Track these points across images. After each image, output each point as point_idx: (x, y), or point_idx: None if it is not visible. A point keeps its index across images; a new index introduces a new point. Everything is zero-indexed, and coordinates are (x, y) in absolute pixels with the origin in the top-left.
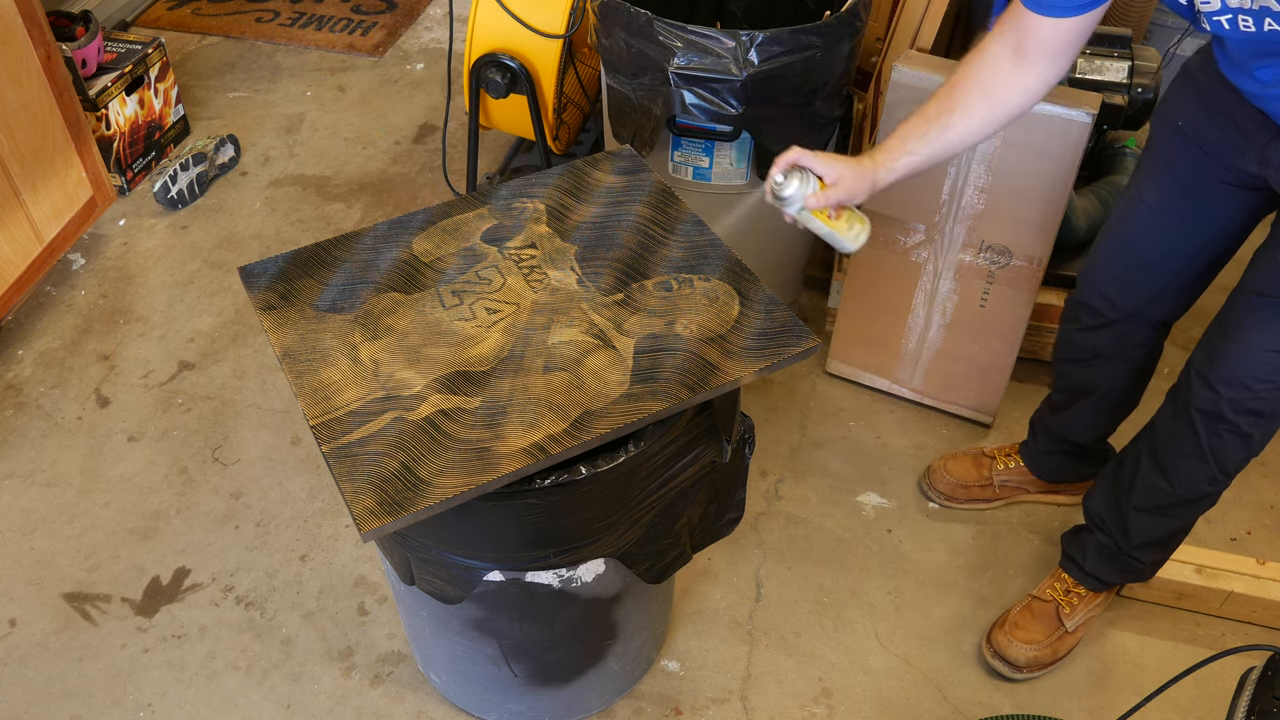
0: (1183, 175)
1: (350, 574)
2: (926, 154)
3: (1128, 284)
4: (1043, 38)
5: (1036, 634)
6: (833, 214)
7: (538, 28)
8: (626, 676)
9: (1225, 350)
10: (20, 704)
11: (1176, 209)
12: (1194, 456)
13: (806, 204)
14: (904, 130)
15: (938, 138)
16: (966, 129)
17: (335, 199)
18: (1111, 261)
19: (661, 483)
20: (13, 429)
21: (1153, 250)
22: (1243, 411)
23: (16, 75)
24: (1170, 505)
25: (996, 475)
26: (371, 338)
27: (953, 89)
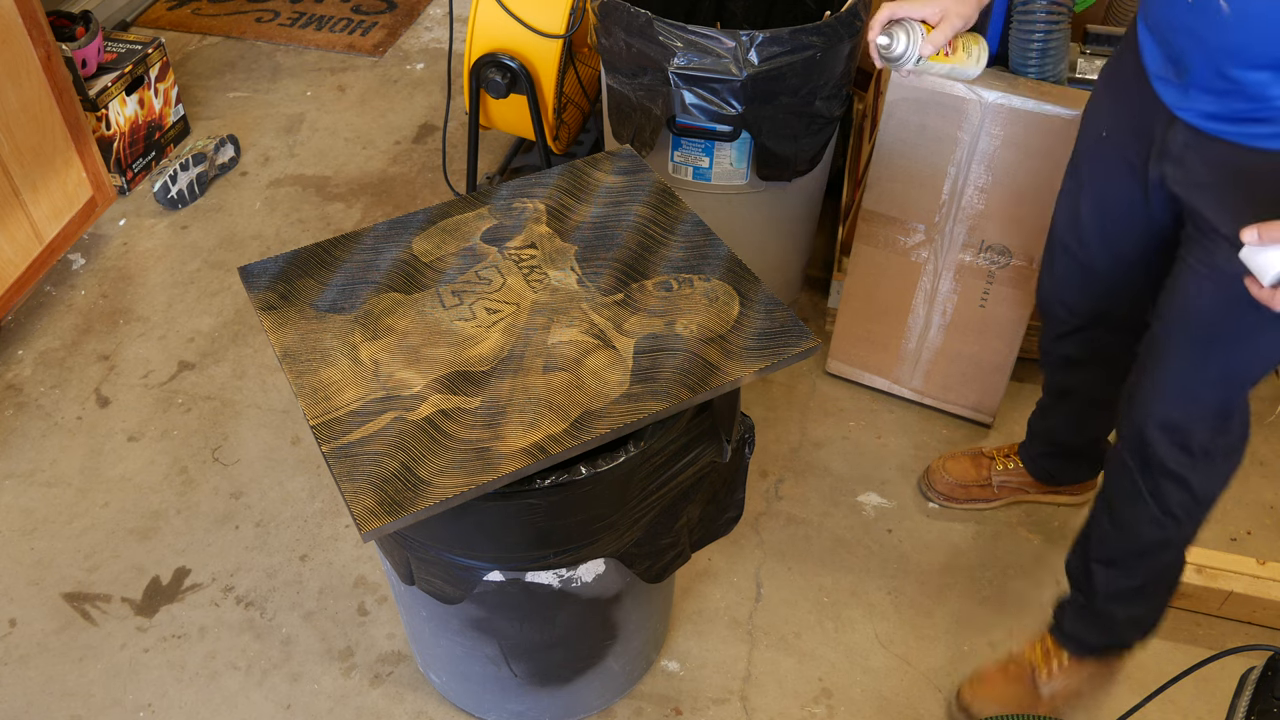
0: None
1: (350, 574)
2: None
3: (1079, 291)
4: None
5: (1006, 695)
6: (948, 50)
7: (538, 28)
8: (626, 676)
9: (1139, 386)
10: (20, 704)
11: (1111, 217)
12: (1133, 498)
13: (923, 54)
14: None
15: None
16: None
17: (335, 199)
18: (1058, 270)
19: (661, 483)
20: (13, 429)
21: (1095, 258)
22: (1169, 448)
23: (16, 75)
24: (1124, 556)
25: (995, 476)
26: (371, 338)
27: None
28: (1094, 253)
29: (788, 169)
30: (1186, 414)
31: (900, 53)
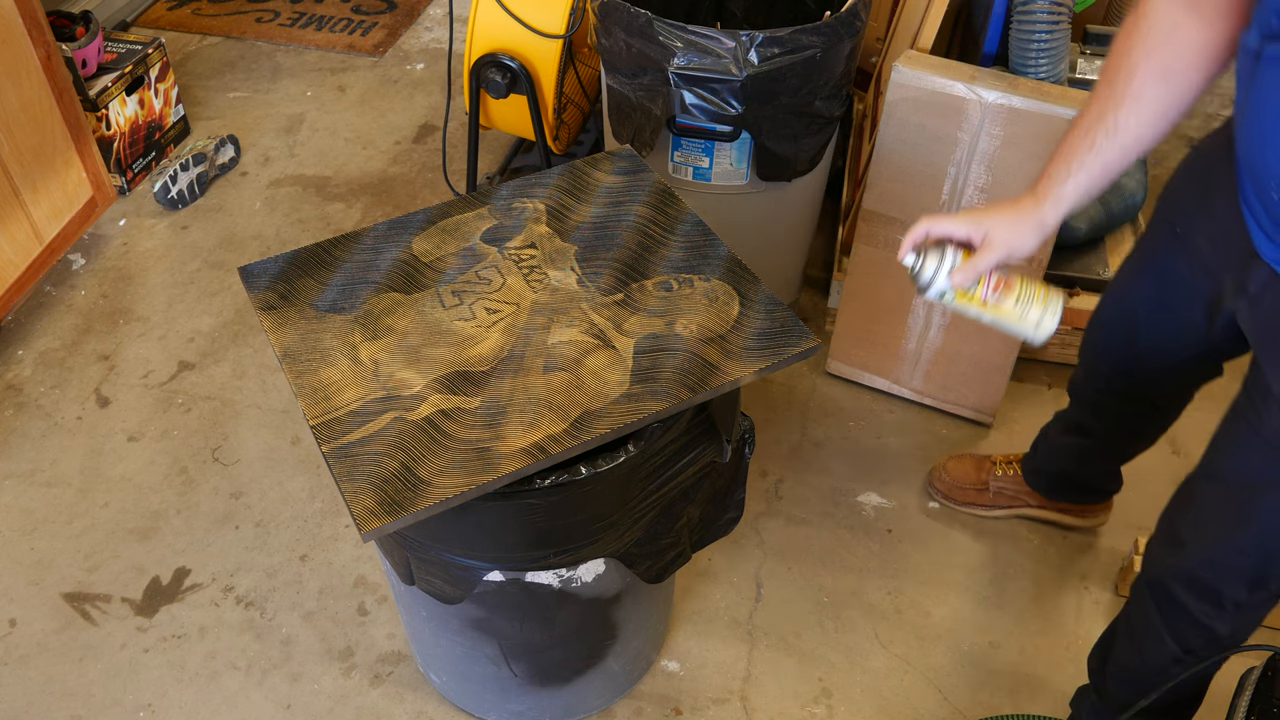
0: (1171, 288)
1: (350, 574)
2: (1100, 168)
3: (1115, 365)
4: None
5: None
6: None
7: (538, 28)
8: (626, 676)
9: (1168, 535)
10: (20, 704)
11: (1166, 319)
12: (1154, 635)
13: (953, 284)
14: (1066, 146)
15: (1106, 145)
16: (1141, 124)
17: (335, 199)
18: (1102, 345)
19: (661, 483)
20: (13, 429)
21: (1142, 345)
22: (1195, 601)
23: (16, 75)
24: (1143, 675)
25: (994, 481)
26: (371, 338)
27: (1113, 79)
28: (1139, 341)
29: (788, 169)
30: (1216, 576)
31: (926, 280)
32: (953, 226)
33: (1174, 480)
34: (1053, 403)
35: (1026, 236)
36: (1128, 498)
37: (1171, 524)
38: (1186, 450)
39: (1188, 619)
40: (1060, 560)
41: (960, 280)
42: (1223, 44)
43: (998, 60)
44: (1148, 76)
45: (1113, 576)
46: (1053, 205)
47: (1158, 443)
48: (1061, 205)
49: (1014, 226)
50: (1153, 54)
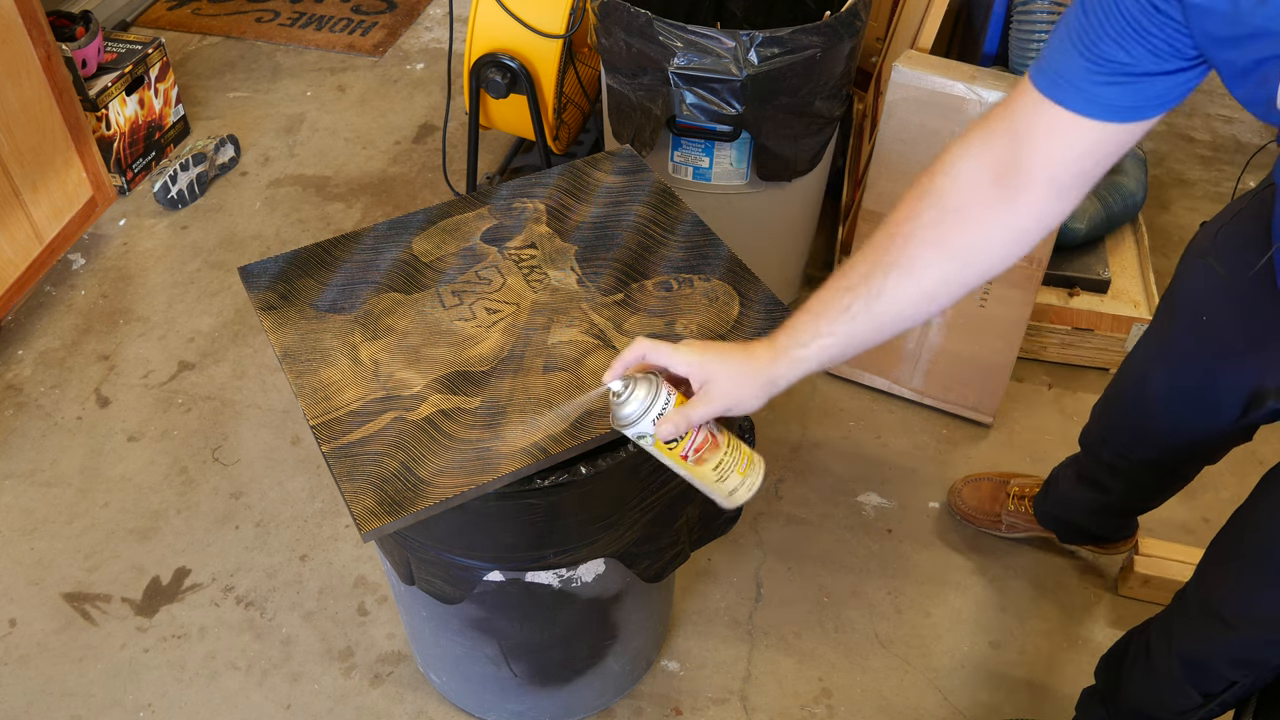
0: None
1: (350, 574)
2: (846, 335)
3: (1140, 440)
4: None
5: None
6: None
7: (538, 28)
8: (626, 676)
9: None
10: (20, 704)
11: (1193, 404)
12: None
13: (650, 432)
14: (819, 302)
15: (862, 311)
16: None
17: (335, 199)
18: (1118, 420)
19: (661, 482)
20: (13, 429)
21: (1163, 427)
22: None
23: (16, 75)
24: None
25: (1007, 515)
26: (371, 338)
27: (890, 238)
28: (1160, 423)
29: (788, 169)
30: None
31: (627, 416)
32: (671, 360)
33: None
34: (1053, 403)
35: (752, 395)
36: None
37: (1217, 602)
38: None
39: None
40: (1060, 561)
41: (666, 431)
42: (1029, 228)
43: (998, 60)
44: (929, 246)
45: (1113, 577)
46: (788, 366)
47: None
48: (798, 367)
49: (741, 381)
50: (942, 222)
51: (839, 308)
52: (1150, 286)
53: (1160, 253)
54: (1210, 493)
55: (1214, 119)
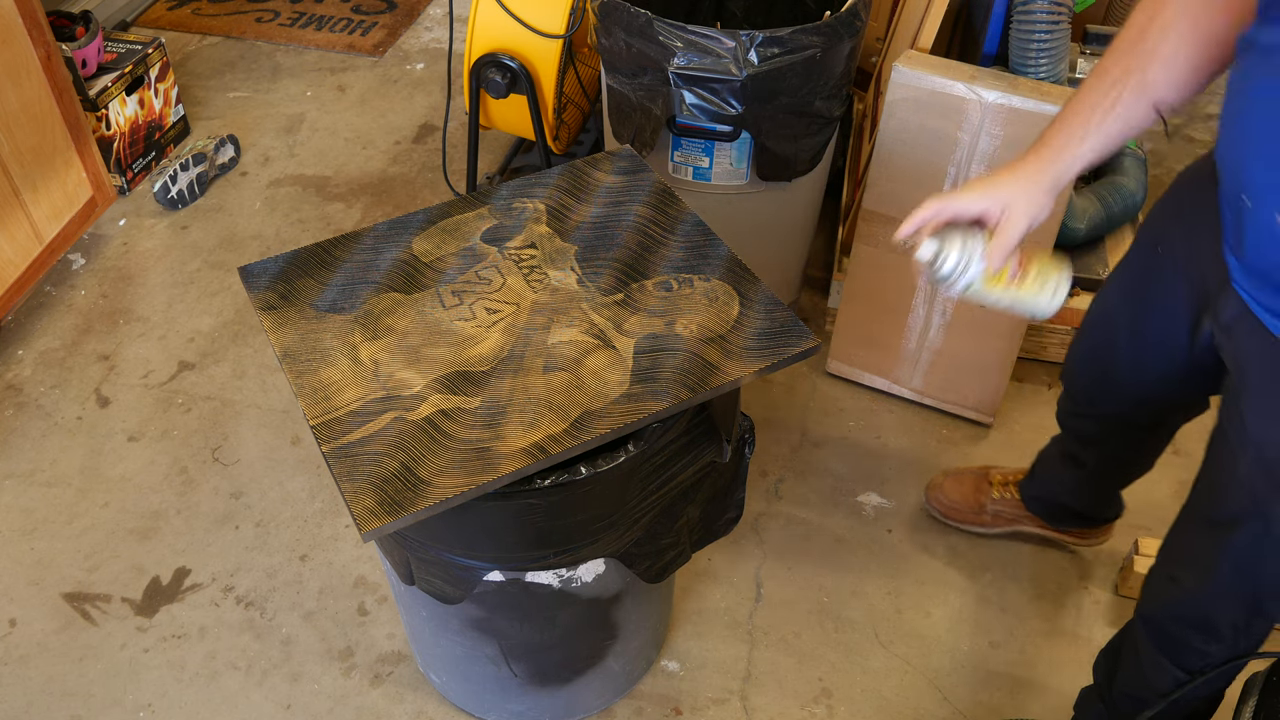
0: (1153, 308)
1: (350, 574)
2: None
3: (1104, 389)
4: None
5: None
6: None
7: (538, 28)
8: (626, 676)
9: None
10: (20, 704)
11: (1147, 341)
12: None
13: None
14: (1082, 104)
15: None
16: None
17: (335, 199)
18: (1085, 367)
19: (661, 483)
20: (13, 429)
21: (1124, 367)
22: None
23: (16, 75)
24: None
25: (991, 504)
26: (371, 338)
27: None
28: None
29: (788, 169)
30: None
31: (949, 272)
32: (966, 204)
33: (1175, 481)
34: (1052, 403)
35: (1044, 202)
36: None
37: (1166, 561)
38: (1187, 450)
39: (1186, 648)
40: (1060, 560)
41: (997, 263)
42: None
43: (998, 60)
44: (1183, 32)
45: (1113, 577)
46: (1068, 165)
47: None
48: (1076, 165)
49: (1033, 193)
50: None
51: (1106, 105)
52: None
53: None
54: None
55: (1214, 119)
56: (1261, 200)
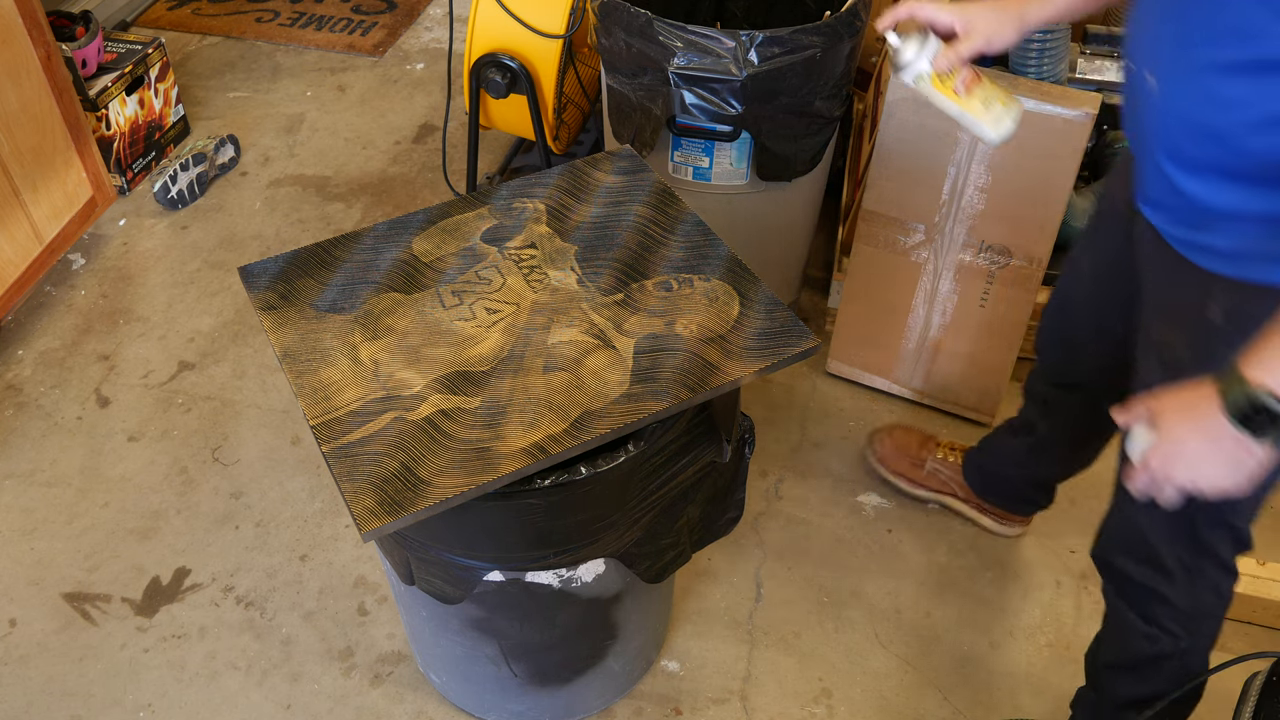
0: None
1: (350, 574)
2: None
3: (1067, 356)
4: None
5: None
6: (960, 86)
7: (538, 28)
8: (626, 676)
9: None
10: (20, 704)
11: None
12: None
13: (926, 70)
14: None
15: None
16: None
17: (335, 199)
18: (1051, 329)
19: (661, 483)
20: (13, 429)
21: (1081, 325)
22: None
23: (16, 75)
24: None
25: (931, 461)
26: (371, 338)
27: None
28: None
29: (788, 169)
30: (1145, 536)
31: (905, 60)
32: (936, 13)
33: None
34: None
35: (1007, 30)
36: None
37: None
38: None
39: (1140, 589)
40: (1060, 560)
41: (940, 64)
42: None
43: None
44: None
45: None
46: (1039, 6)
47: None
48: (1047, 9)
49: (997, 20)
50: None
51: None
52: None
53: None
54: None
55: None
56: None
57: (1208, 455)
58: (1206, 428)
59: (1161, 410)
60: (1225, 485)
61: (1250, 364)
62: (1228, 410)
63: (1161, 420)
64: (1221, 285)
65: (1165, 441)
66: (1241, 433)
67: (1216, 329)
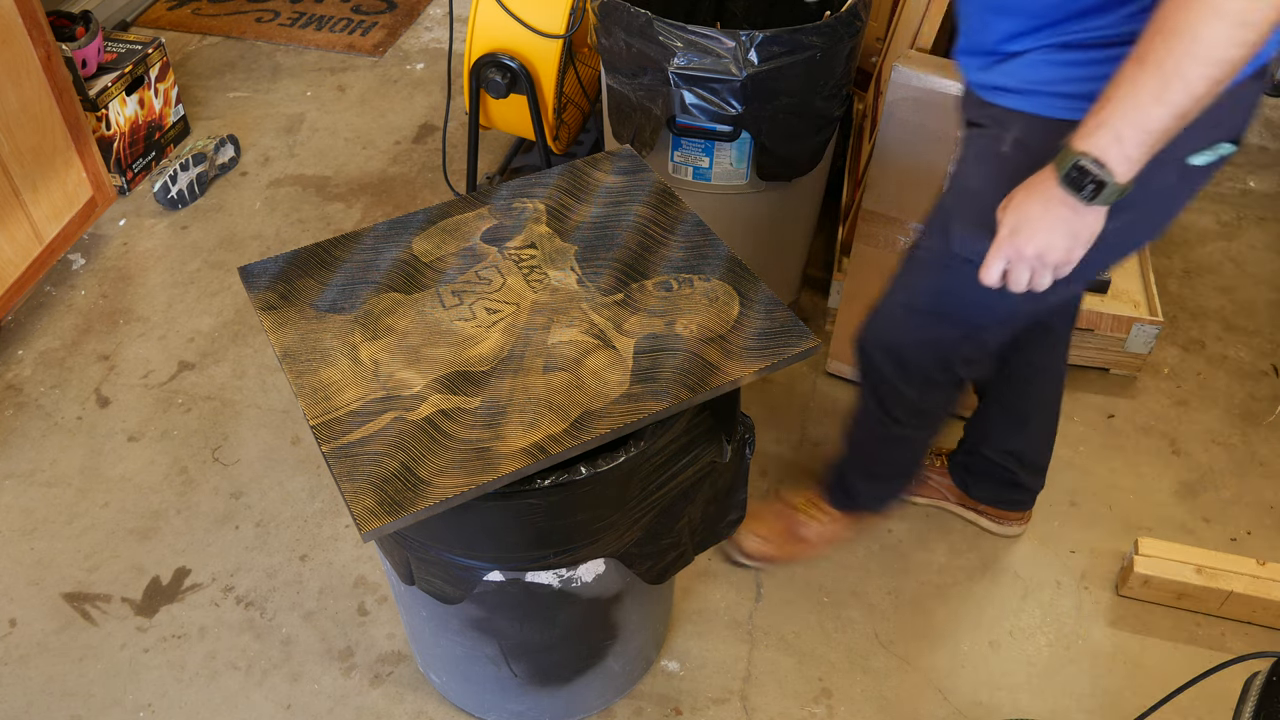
0: None
1: (350, 574)
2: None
3: None
4: None
5: (772, 532)
6: None
7: (538, 28)
8: (626, 676)
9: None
10: (20, 704)
11: None
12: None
13: None
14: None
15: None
16: None
17: (335, 199)
18: None
19: (661, 483)
20: (13, 429)
21: None
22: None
23: (16, 75)
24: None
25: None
26: (371, 338)
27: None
28: None
29: (788, 169)
30: (900, 341)
31: None
32: None
33: (1175, 481)
34: None
35: None
36: (1128, 499)
37: None
38: (1187, 451)
39: (883, 380)
40: (1060, 560)
41: None
42: None
43: None
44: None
45: (1113, 577)
46: None
47: (1158, 445)
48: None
49: None
50: None
51: None
52: (1150, 287)
53: (1160, 253)
54: (1210, 492)
55: None
56: None
57: (1044, 218)
58: (1042, 193)
59: (1011, 195)
60: (1062, 250)
61: (1076, 136)
62: (1058, 176)
63: (1010, 201)
64: (1013, 119)
65: (1012, 212)
66: (1069, 194)
67: (1005, 158)
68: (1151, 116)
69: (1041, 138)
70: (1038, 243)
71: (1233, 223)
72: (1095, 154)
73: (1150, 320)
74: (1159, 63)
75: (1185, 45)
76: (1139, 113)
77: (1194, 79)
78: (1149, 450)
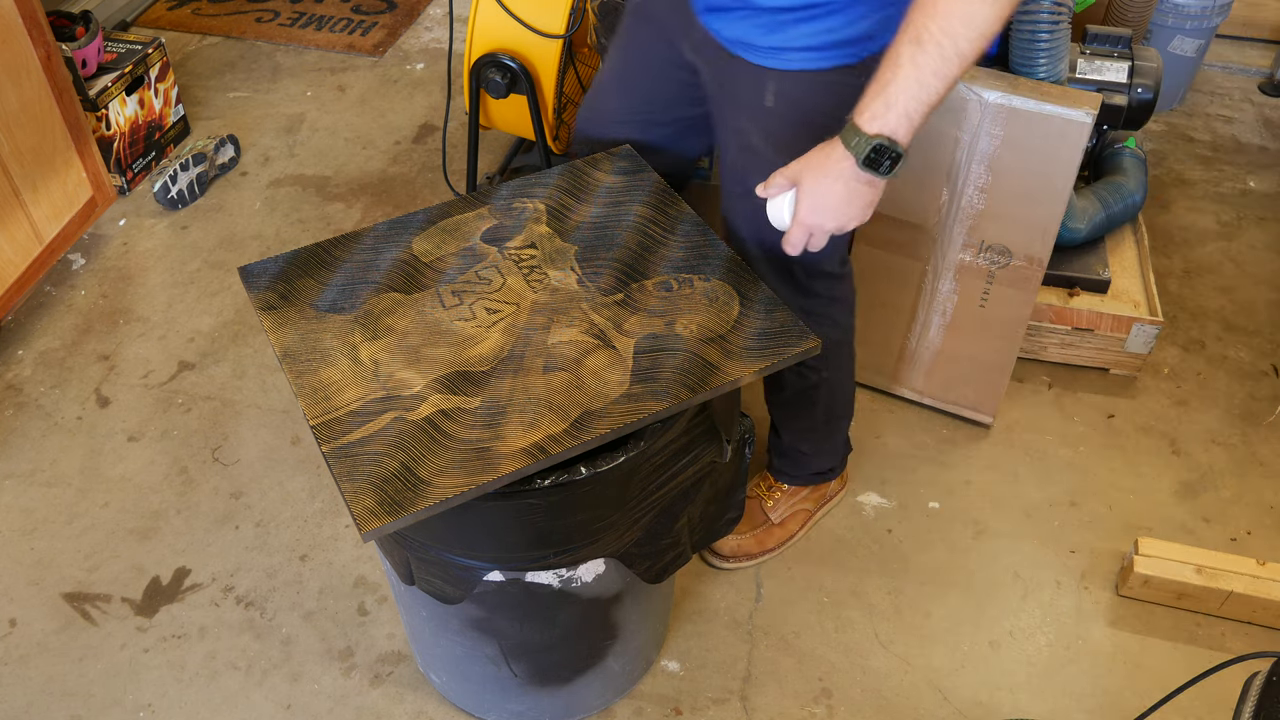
0: (637, 49)
1: (350, 574)
2: None
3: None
4: None
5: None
6: None
7: (538, 28)
8: (626, 676)
9: None
10: (20, 704)
11: (630, 80)
12: None
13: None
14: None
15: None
16: None
17: (335, 199)
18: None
19: (661, 483)
20: (13, 429)
21: (608, 118)
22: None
23: (16, 75)
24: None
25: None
26: (371, 338)
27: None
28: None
29: None
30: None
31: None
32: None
33: (1175, 481)
34: (1053, 403)
35: None
36: (1128, 499)
37: None
38: (1187, 451)
39: None
40: (1060, 560)
41: None
42: None
43: (998, 61)
44: None
45: (1113, 577)
46: None
47: (1158, 445)
48: None
49: None
50: None
51: None
52: (1150, 287)
53: (1160, 253)
54: (1210, 492)
55: (1214, 119)
56: None
57: (844, 197)
58: (841, 174)
59: (799, 173)
60: (859, 218)
61: (863, 119)
62: (856, 158)
63: (803, 180)
64: (770, 76)
65: (811, 195)
66: (869, 173)
67: (772, 112)
68: (933, 90)
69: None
70: (840, 218)
71: (1233, 223)
72: (888, 134)
73: (1150, 320)
74: (937, 42)
75: (958, 25)
76: (922, 89)
77: (969, 52)
78: (1149, 450)
